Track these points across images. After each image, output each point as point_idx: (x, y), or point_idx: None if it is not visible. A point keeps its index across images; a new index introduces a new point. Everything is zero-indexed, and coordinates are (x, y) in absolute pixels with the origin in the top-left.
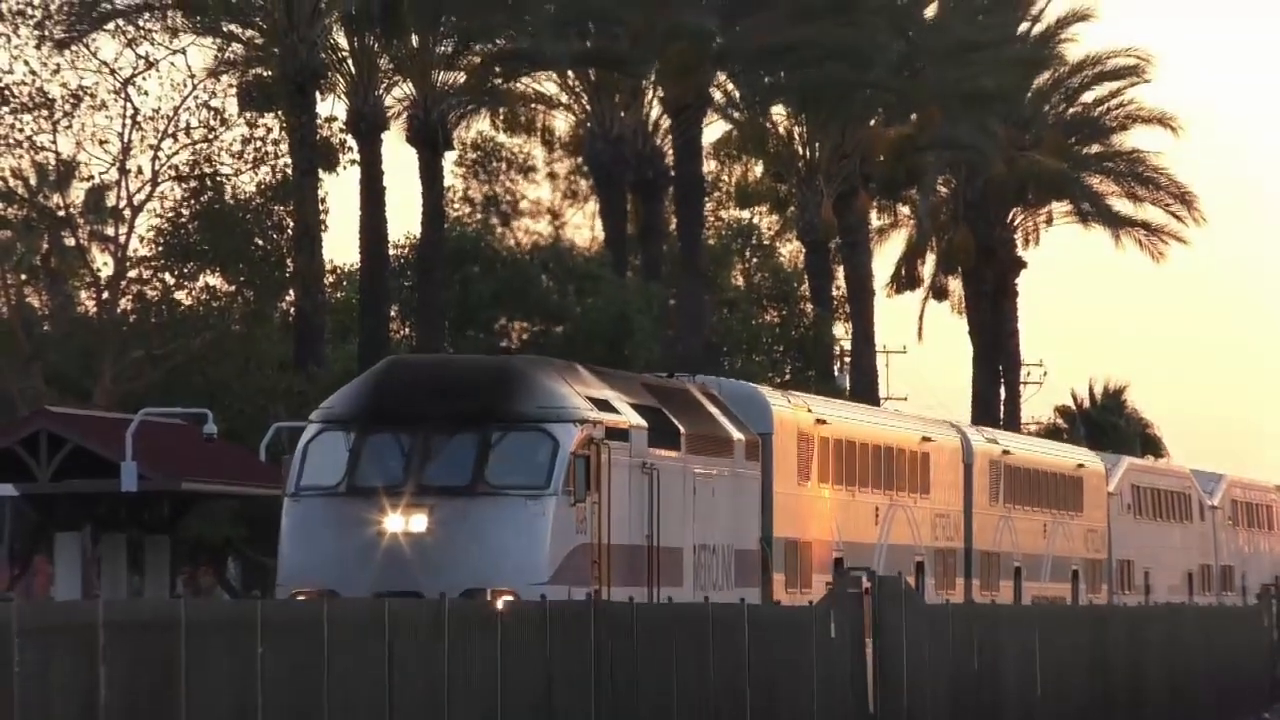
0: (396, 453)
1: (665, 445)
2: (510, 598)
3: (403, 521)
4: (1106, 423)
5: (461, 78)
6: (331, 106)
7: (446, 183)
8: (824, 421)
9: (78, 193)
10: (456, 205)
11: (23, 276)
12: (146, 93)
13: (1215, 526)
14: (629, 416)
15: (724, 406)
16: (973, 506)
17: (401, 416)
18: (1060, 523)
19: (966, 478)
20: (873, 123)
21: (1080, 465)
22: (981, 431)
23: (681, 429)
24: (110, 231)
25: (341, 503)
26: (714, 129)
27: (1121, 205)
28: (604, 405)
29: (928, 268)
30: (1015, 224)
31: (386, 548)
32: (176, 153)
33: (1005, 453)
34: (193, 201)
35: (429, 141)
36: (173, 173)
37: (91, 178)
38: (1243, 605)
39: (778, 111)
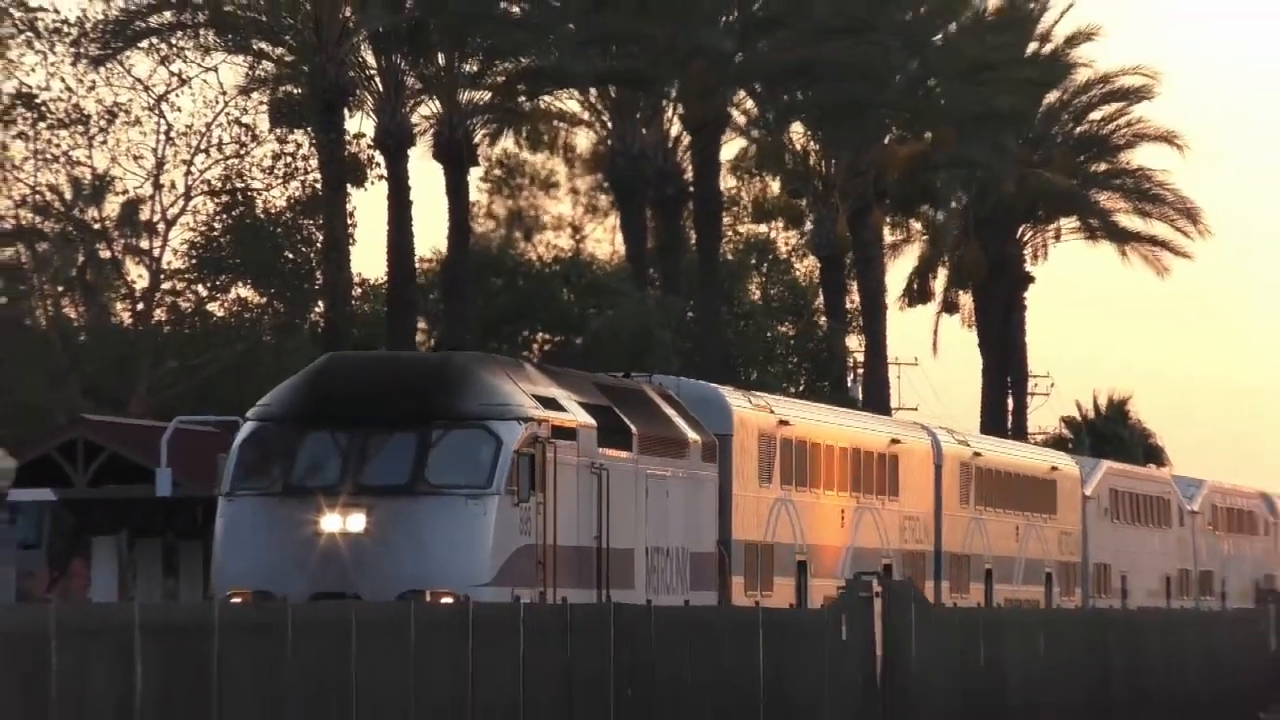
0: (334, 451)
1: (616, 445)
2: (450, 600)
3: (340, 522)
4: (1110, 433)
5: (486, 96)
6: (360, 123)
7: (471, 198)
8: (787, 423)
9: (113, 207)
10: (481, 220)
11: (59, 288)
12: (179, 109)
13: (1195, 531)
14: (577, 415)
15: (681, 407)
16: (942, 509)
17: (339, 414)
18: (1033, 525)
19: (936, 480)
20: (887, 141)
21: (1054, 468)
22: (952, 433)
23: (634, 429)
24: (144, 245)
25: (277, 503)
26: (732, 146)
27: (1128, 221)
28: (551, 403)
29: (939, 282)
30: (1024, 240)
31: (323, 549)
32: (209, 168)
33: (976, 455)
34: (225, 215)
35: (454, 158)
36: (205, 187)
37: (126, 192)
38: (1222, 609)
39: (795, 129)
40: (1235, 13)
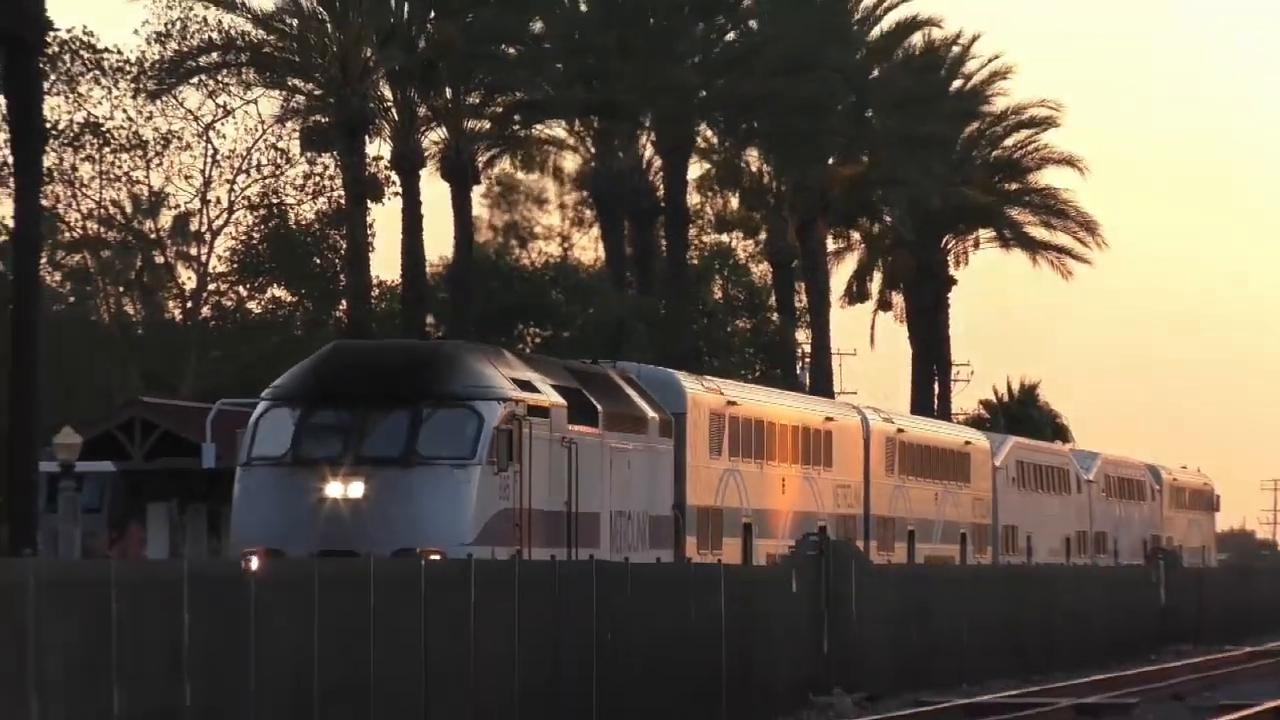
0: (337, 427)
1: (584, 422)
2: (438, 556)
3: (342, 489)
4: (1022, 414)
5: (487, 124)
6: (378, 148)
7: (474, 211)
8: (735, 403)
9: (166, 219)
10: (482, 231)
11: (120, 289)
12: (224, 135)
13: (1091, 498)
14: (550, 396)
15: (641, 389)
16: (870, 477)
17: (342, 395)
18: (950, 492)
19: (865, 452)
20: (830, 163)
21: (968, 442)
22: (879, 412)
23: (600, 408)
24: (193, 252)
25: (287, 472)
26: (697, 167)
27: (1037, 232)
28: (526, 386)
29: (875, 284)
30: (948, 248)
31: (327, 512)
32: (249, 186)
33: (900, 431)
34: (262, 227)
35: (459, 177)
36: (245, 203)
37: (178, 206)
38: (1115, 565)
39: (751, 153)
40: (1130, 51)
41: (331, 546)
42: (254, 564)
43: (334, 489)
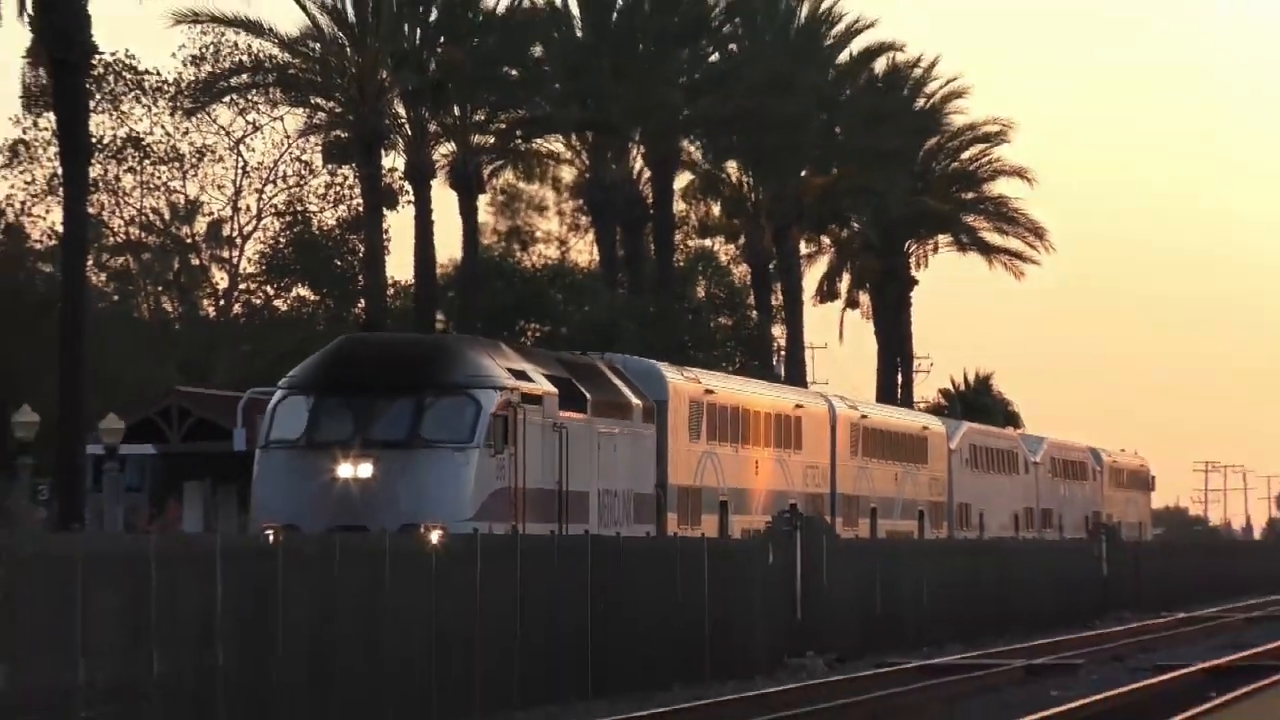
0: (347, 413)
1: (574, 409)
2: (440, 531)
3: (352, 469)
4: (977, 402)
5: (491, 139)
6: (393, 160)
7: (480, 218)
8: (712, 391)
9: (201, 225)
10: (487, 235)
11: (159, 288)
12: (253, 149)
13: (1037, 478)
14: (542, 385)
15: (626, 379)
16: (836, 459)
17: (352, 384)
18: (909, 473)
19: (832, 436)
20: (803, 174)
21: (925, 428)
22: (844, 400)
23: (588, 395)
24: (225, 254)
25: (302, 454)
26: (682, 178)
27: (991, 237)
28: (521, 375)
29: (844, 284)
30: (910, 251)
31: (339, 491)
32: (276, 195)
33: (864, 417)
34: (288, 232)
35: (466, 187)
36: (273, 210)
37: (211, 214)
38: (1060, 539)
39: (731, 165)
40: (1074, 73)
41: (343, 522)
42: (271, 537)
43: (345, 469)
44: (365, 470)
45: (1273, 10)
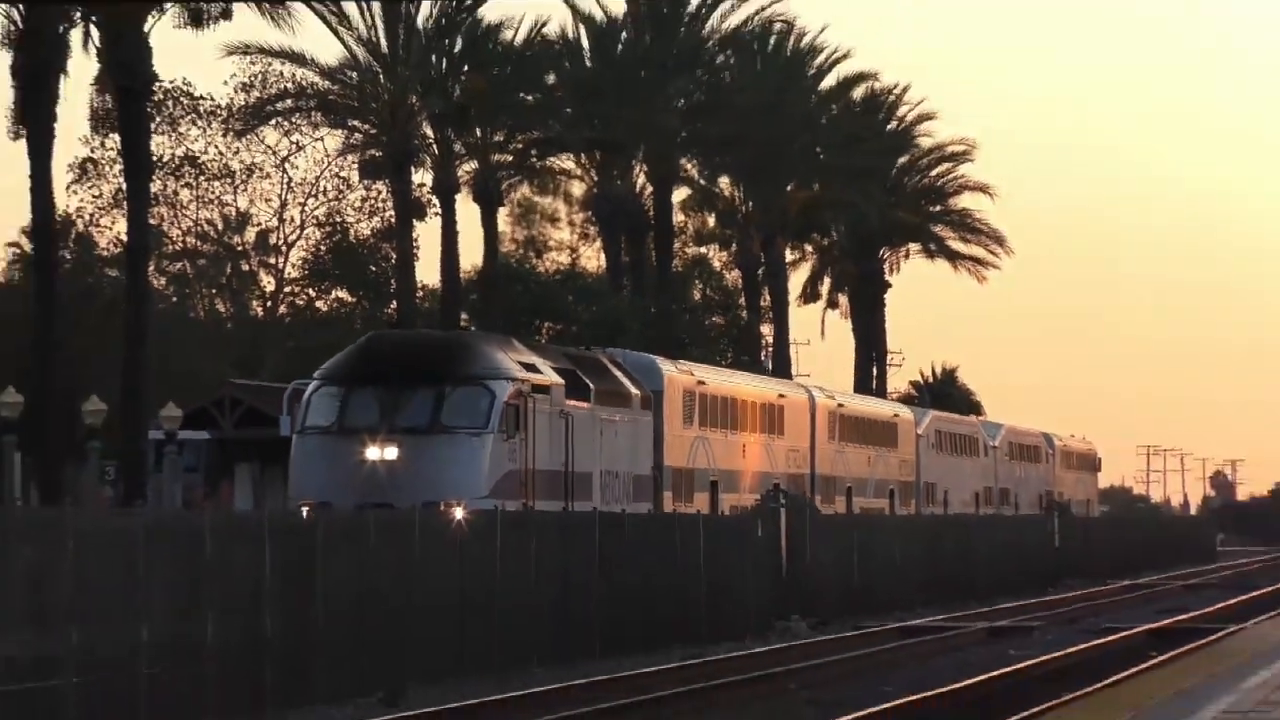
0: (375, 402)
1: (578, 398)
2: (458, 508)
3: (379, 452)
4: (944, 392)
5: (510, 157)
6: (421, 176)
7: (499, 228)
8: (704, 382)
9: (250, 234)
10: (506, 244)
11: (213, 291)
12: (297, 166)
13: (996, 460)
14: (550, 376)
15: (626, 371)
16: (816, 443)
17: (378, 376)
18: (881, 456)
19: (811, 423)
20: (788, 189)
21: (896, 415)
22: (823, 390)
23: (591, 386)
24: (272, 260)
25: (334, 439)
26: (680, 193)
27: (956, 245)
28: (531, 368)
29: (825, 287)
30: (884, 258)
31: (367, 471)
32: (317, 207)
33: (840, 405)
34: (328, 240)
35: (487, 200)
36: (314, 221)
37: (259, 224)
38: (1015, 515)
39: (723, 181)
40: (1030, 99)
41: (371, 500)
42: (306, 513)
43: (372, 452)
44: (391, 453)
45: (1205, 36)
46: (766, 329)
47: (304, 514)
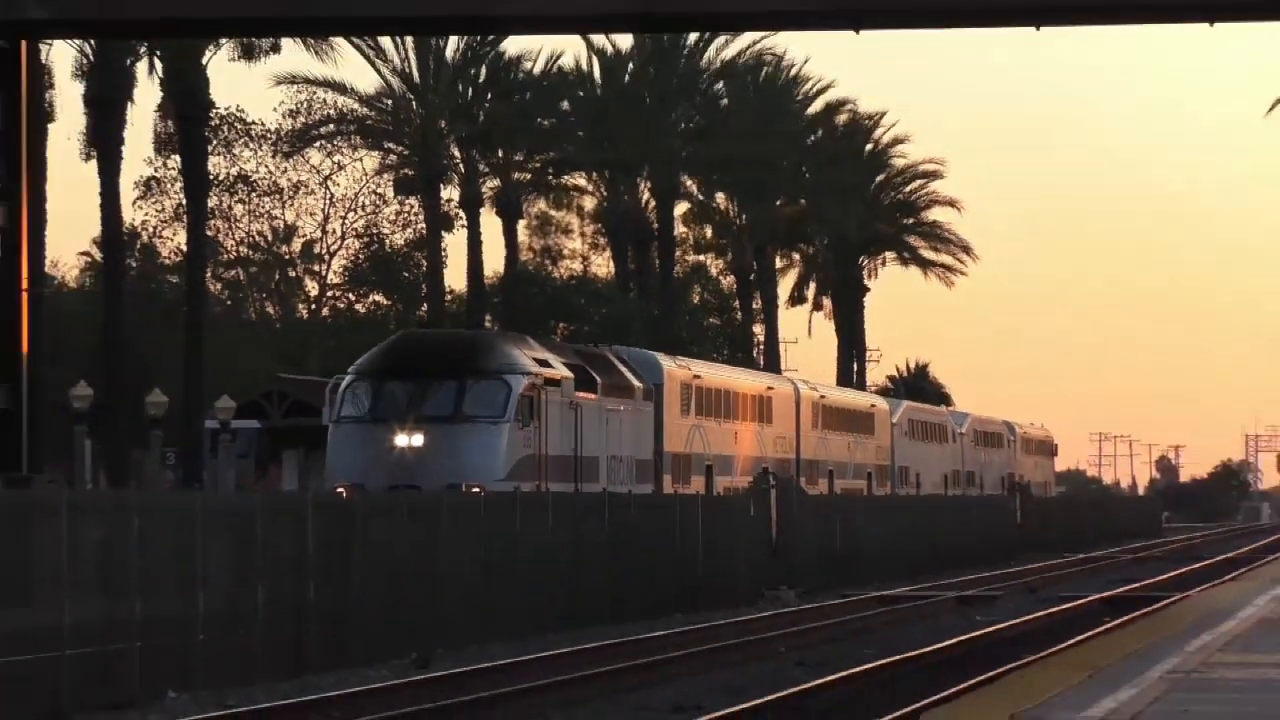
0: (403, 394)
1: (587, 390)
2: (478, 490)
3: (407, 439)
4: (917, 385)
5: (528, 175)
6: (449, 192)
7: (519, 238)
8: (700, 377)
9: (296, 245)
10: (525, 253)
11: (263, 295)
12: (338, 183)
13: (963, 446)
14: (561, 371)
15: (630, 365)
16: (800, 431)
17: (407, 370)
18: (859, 442)
19: (796, 413)
20: (777, 204)
21: (872, 405)
22: (807, 383)
23: (599, 379)
24: (316, 268)
25: (367, 427)
26: (681, 206)
27: (927, 254)
28: (544, 363)
29: (811, 291)
30: (863, 265)
31: (396, 456)
32: (356, 220)
33: (822, 397)
34: (366, 250)
35: (509, 214)
36: (354, 232)
37: (305, 235)
38: (981, 496)
39: (720, 197)
40: (994, 118)
41: (399, 482)
42: (344, 494)
43: (401, 439)
44: (418, 440)
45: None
46: (759, 329)
47: (340, 495)
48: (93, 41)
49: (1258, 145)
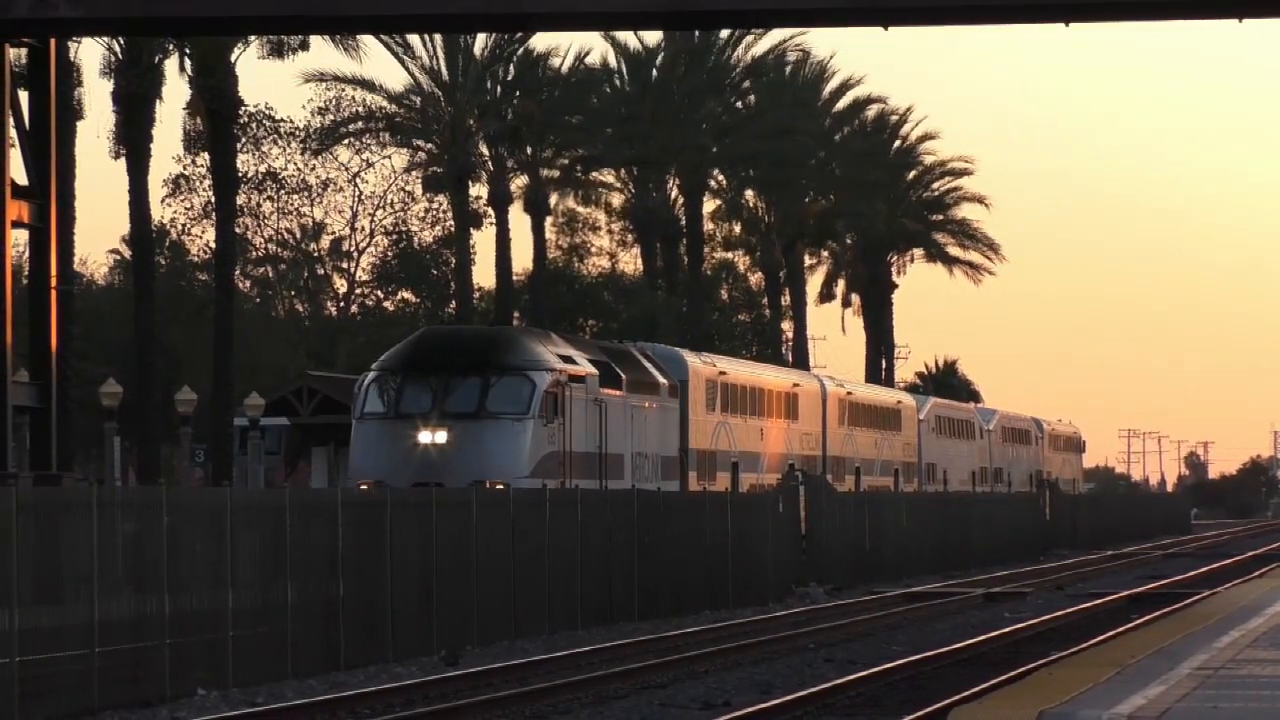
0: (427, 390)
1: (612, 387)
2: (501, 487)
3: (430, 436)
4: (945, 382)
5: (557, 173)
6: (478, 190)
7: (547, 235)
8: (725, 373)
9: (325, 242)
10: (553, 250)
11: (292, 292)
12: (367, 181)
13: (990, 443)
14: (585, 367)
15: (655, 362)
16: (827, 428)
17: (430, 367)
18: (886, 439)
19: (823, 409)
20: (806, 200)
21: (899, 401)
22: (834, 379)
23: (623, 376)
24: (344, 265)
25: (391, 424)
26: (710, 203)
27: (955, 251)
28: (568, 359)
29: (840, 288)
30: (891, 262)
31: (420, 453)
32: (385, 218)
33: (849, 393)
34: (394, 247)
35: (537, 211)
36: (382, 230)
37: (333, 233)
38: (1009, 492)
39: (748, 193)
40: (1024, 117)
41: (423, 479)
42: (366, 490)
43: (425, 436)
44: (441, 436)
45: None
46: (787, 326)
47: (364, 491)
48: (122, 39)
49: None
